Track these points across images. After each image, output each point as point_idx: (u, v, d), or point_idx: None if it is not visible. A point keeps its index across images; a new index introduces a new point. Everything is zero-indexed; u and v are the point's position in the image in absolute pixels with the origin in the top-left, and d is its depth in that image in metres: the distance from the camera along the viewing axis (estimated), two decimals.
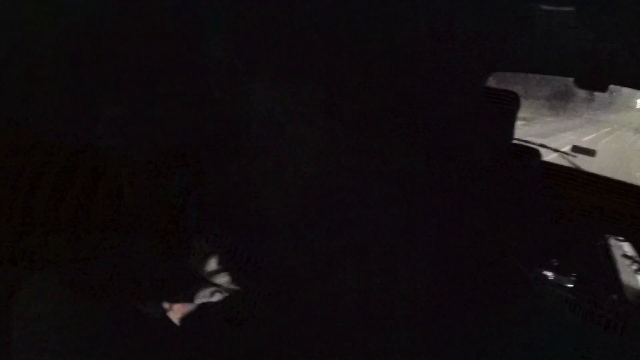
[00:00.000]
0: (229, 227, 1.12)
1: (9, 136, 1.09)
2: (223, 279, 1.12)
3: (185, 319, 1.10)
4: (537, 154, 1.77)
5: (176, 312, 1.11)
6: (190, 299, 1.14)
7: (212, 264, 1.11)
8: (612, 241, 1.42)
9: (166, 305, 1.10)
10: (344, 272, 1.14)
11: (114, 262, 1.06)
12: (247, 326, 1.12)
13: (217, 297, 1.14)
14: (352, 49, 1.12)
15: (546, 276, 1.26)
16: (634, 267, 1.28)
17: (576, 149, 2.51)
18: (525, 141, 1.94)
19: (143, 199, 1.06)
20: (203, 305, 1.13)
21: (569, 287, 1.23)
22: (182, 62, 1.09)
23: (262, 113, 1.14)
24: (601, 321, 1.07)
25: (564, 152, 2.34)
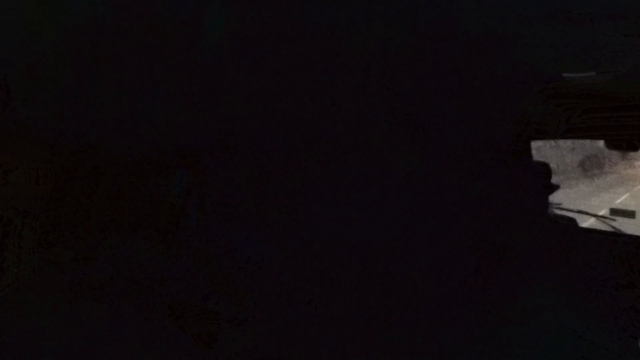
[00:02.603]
0: (229, 227, 1.12)
1: (10, 136, 1.09)
2: None
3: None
4: (574, 221, 1.65)
5: None
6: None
7: None
8: None
9: None
10: (344, 272, 1.14)
11: (114, 262, 1.06)
12: (247, 326, 1.12)
13: None
14: (352, 49, 1.12)
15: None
16: None
17: (614, 212, 2.42)
18: (563, 209, 1.90)
19: (143, 199, 1.06)
20: None
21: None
22: (182, 62, 1.09)
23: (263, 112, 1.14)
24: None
25: (602, 217, 2.26)
